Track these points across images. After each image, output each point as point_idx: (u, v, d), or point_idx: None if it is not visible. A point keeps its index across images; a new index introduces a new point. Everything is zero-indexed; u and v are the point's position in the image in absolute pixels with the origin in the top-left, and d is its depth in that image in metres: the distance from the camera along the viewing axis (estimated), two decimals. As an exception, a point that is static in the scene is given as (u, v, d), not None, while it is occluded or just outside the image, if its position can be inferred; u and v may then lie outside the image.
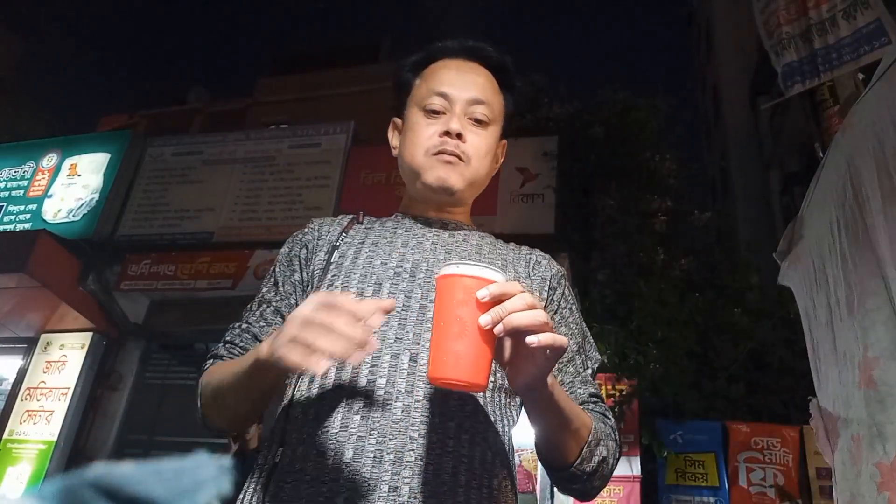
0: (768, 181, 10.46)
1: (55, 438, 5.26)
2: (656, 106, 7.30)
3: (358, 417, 0.86)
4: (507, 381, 0.95)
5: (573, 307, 1.11)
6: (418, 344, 0.92)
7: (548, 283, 1.09)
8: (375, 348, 0.75)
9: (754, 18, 3.67)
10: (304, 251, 1.09)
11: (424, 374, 0.88)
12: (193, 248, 5.75)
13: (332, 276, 1.01)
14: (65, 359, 5.64)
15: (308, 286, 1.05)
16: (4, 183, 6.69)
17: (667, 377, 5.12)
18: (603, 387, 5.20)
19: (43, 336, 5.79)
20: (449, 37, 1.17)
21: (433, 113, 1.09)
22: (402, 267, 1.01)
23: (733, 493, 4.79)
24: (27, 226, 6.20)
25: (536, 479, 5.91)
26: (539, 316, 0.73)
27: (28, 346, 5.82)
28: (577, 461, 0.91)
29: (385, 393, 0.88)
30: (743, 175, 11.96)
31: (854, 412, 1.62)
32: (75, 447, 5.38)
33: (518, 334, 0.73)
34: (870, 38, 2.95)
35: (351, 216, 1.15)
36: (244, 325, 1.05)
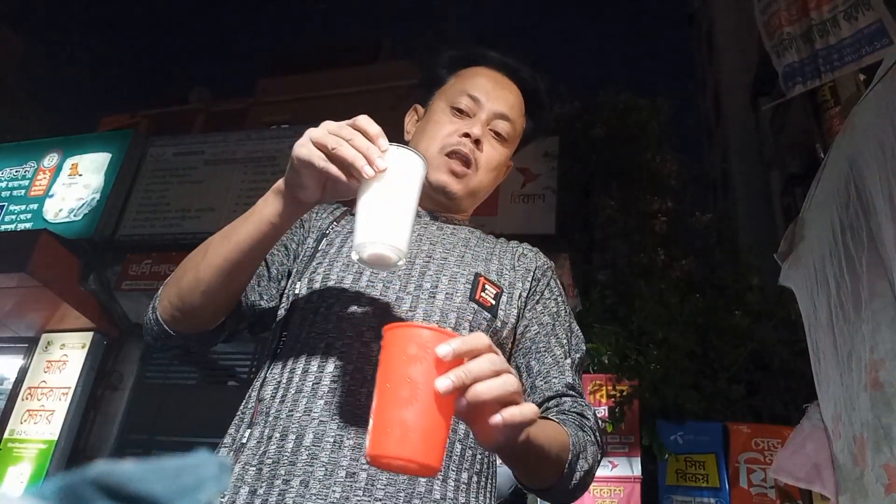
0: (769, 182, 10.45)
1: (56, 438, 5.27)
2: (657, 107, 7.30)
3: (322, 402, 0.87)
4: None
5: (558, 298, 1.09)
6: None
7: (532, 273, 1.08)
8: (382, 168, 0.74)
9: (755, 19, 3.67)
10: (302, 231, 1.09)
11: None
12: (194, 248, 5.74)
13: (317, 264, 1.01)
14: (66, 358, 5.64)
15: (292, 270, 1.04)
16: (6, 183, 6.69)
17: (667, 378, 5.12)
18: (603, 387, 5.20)
19: (44, 336, 5.80)
20: (461, 41, 1.20)
21: (459, 112, 1.10)
22: None
23: (734, 494, 4.78)
24: (28, 225, 6.20)
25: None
26: (510, 384, 0.64)
27: (29, 345, 5.82)
28: (558, 482, 0.85)
29: (352, 380, 0.88)
30: (744, 176, 11.95)
31: (858, 414, 1.61)
32: (76, 447, 5.39)
33: (483, 406, 0.63)
34: (871, 38, 2.95)
35: (345, 208, 1.14)
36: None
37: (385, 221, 0.75)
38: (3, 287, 5.28)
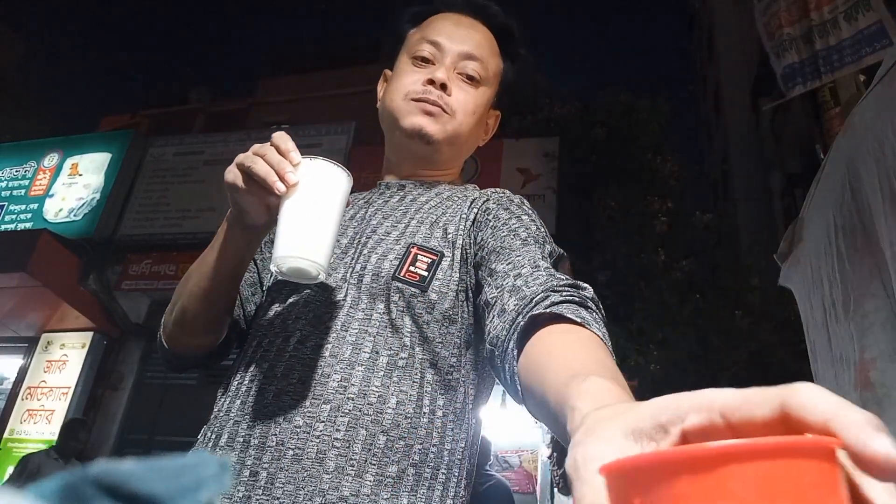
0: (769, 182, 10.45)
1: (56, 438, 5.27)
2: (658, 107, 7.31)
3: (238, 402, 0.86)
4: (442, 358, 0.88)
5: (522, 216, 0.93)
6: (313, 326, 0.89)
7: (469, 203, 0.98)
8: (293, 182, 0.75)
9: (756, 20, 3.67)
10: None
11: (306, 357, 0.86)
12: (195, 248, 5.74)
13: None
14: (65, 358, 5.64)
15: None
16: (6, 182, 6.70)
17: (667, 378, 5.12)
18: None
19: (44, 335, 5.80)
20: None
21: (422, 60, 1.02)
22: (340, 242, 0.96)
23: (734, 494, 4.79)
24: (28, 225, 6.21)
25: (536, 479, 5.91)
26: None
27: (29, 345, 5.83)
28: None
29: (263, 377, 0.87)
30: (744, 176, 11.96)
31: None
32: (76, 447, 5.39)
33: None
34: (871, 39, 2.95)
35: None
36: None
37: (302, 234, 0.74)
38: (4, 287, 5.28)
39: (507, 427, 6.82)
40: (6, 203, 6.51)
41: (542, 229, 0.93)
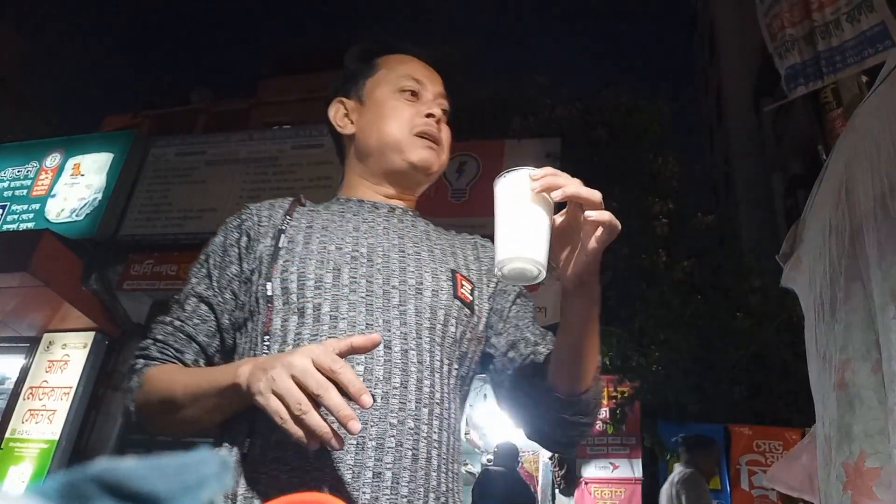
0: (771, 184, 10.45)
1: (57, 438, 5.27)
2: (659, 108, 7.30)
3: None
4: (467, 370, 1.02)
5: (527, 294, 1.12)
6: (389, 331, 0.92)
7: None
8: (356, 431, 0.71)
9: (758, 21, 3.67)
10: (245, 239, 1.02)
11: (399, 361, 0.90)
12: (196, 248, 5.69)
13: (286, 262, 0.96)
14: (67, 358, 5.64)
15: (252, 275, 0.99)
16: (8, 182, 6.71)
17: (669, 379, 5.12)
18: (605, 389, 5.20)
19: (45, 335, 5.80)
20: (452, 37, 1.21)
21: (412, 94, 1.11)
22: (357, 251, 0.98)
23: (735, 495, 4.78)
24: (30, 225, 6.21)
25: (538, 480, 5.91)
26: (597, 194, 0.79)
27: (30, 345, 5.83)
28: (591, 389, 0.92)
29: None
30: (746, 177, 11.95)
31: (828, 413, 1.64)
32: (77, 446, 5.39)
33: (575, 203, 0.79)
34: (873, 40, 2.95)
35: (291, 198, 1.11)
36: (176, 323, 0.99)
37: (521, 239, 0.78)
38: (5, 287, 5.29)
39: (508, 428, 6.82)
40: (8, 203, 6.51)
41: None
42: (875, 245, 1.51)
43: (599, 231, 0.82)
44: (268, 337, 0.92)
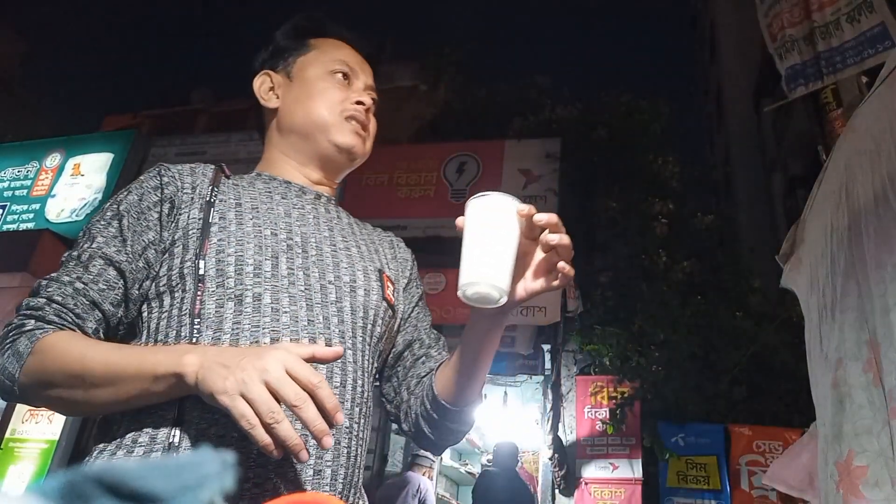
0: (771, 184, 10.45)
1: (57, 438, 5.28)
2: (659, 109, 7.30)
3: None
4: (380, 366, 1.07)
5: (421, 286, 1.19)
6: (329, 329, 0.92)
7: (409, 262, 1.17)
8: (328, 446, 0.72)
9: (758, 21, 3.67)
10: (168, 206, 0.94)
11: (339, 361, 0.90)
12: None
13: (220, 242, 0.90)
14: (67, 358, 5.64)
15: (174, 247, 0.91)
16: (8, 182, 6.71)
17: (669, 380, 5.12)
18: (604, 389, 5.21)
19: (45, 335, 5.80)
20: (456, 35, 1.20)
21: (344, 77, 1.10)
22: (292, 240, 0.96)
23: (735, 496, 4.77)
24: (30, 225, 6.22)
25: (537, 480, 5.91)
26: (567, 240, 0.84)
27: (30, 345, 5.83)
28: (475, 403, 0.98)
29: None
30: (746, 178, 11.95)
31: (824, 412, 1.65)
32: (77, 447, 5.39)
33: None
34: (873, 41, 2.95)
35: (213, 166, 1.05)
36: (78, 285, 0.88)
37: (485, 264, 0.79)
38: (5, 287, 5.29)
39: (507, 428, 6.82)
40: (8, 203, 6.52)
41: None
42: (873, 246, 1.52)
43: (557, 281, 0.85)
44: (199, 320, 0.85)
